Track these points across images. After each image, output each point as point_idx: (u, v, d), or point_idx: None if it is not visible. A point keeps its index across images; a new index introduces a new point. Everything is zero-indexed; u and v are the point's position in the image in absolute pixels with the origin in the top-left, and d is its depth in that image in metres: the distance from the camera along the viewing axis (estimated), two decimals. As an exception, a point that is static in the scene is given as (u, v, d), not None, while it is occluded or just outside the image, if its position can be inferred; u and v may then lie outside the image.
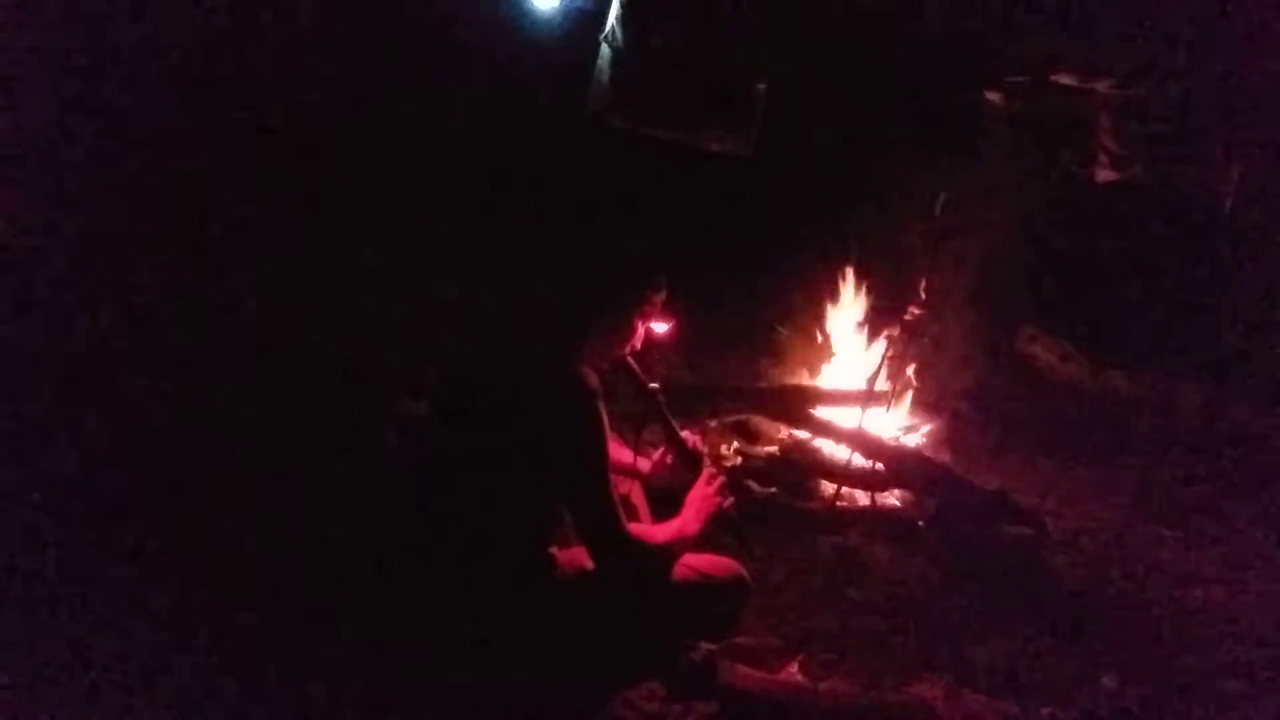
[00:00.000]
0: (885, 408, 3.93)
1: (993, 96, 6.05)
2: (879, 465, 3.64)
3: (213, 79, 5.23)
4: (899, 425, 4.09)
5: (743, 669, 2.45)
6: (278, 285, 4.57)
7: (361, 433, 3.57)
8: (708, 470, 2.61)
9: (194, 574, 2.64)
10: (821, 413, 3.97)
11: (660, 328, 2.52)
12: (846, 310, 4.39)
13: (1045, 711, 2.53)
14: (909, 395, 4.14)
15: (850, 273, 4.39)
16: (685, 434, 2.70)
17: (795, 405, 4.04)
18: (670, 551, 2.38)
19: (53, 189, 4.51)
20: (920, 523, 3.52)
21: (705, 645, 2.51)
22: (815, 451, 3.83)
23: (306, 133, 5.49)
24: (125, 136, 4.84)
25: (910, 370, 4.02)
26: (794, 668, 2.62)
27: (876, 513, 3.57)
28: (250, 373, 3.85)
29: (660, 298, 2.43)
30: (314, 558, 2.78)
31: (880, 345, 3.96)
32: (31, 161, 4.52)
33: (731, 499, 2.60)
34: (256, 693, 2.25)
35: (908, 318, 3.66)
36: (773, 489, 3.64)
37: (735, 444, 4.03)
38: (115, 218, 4.57)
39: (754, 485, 3.63)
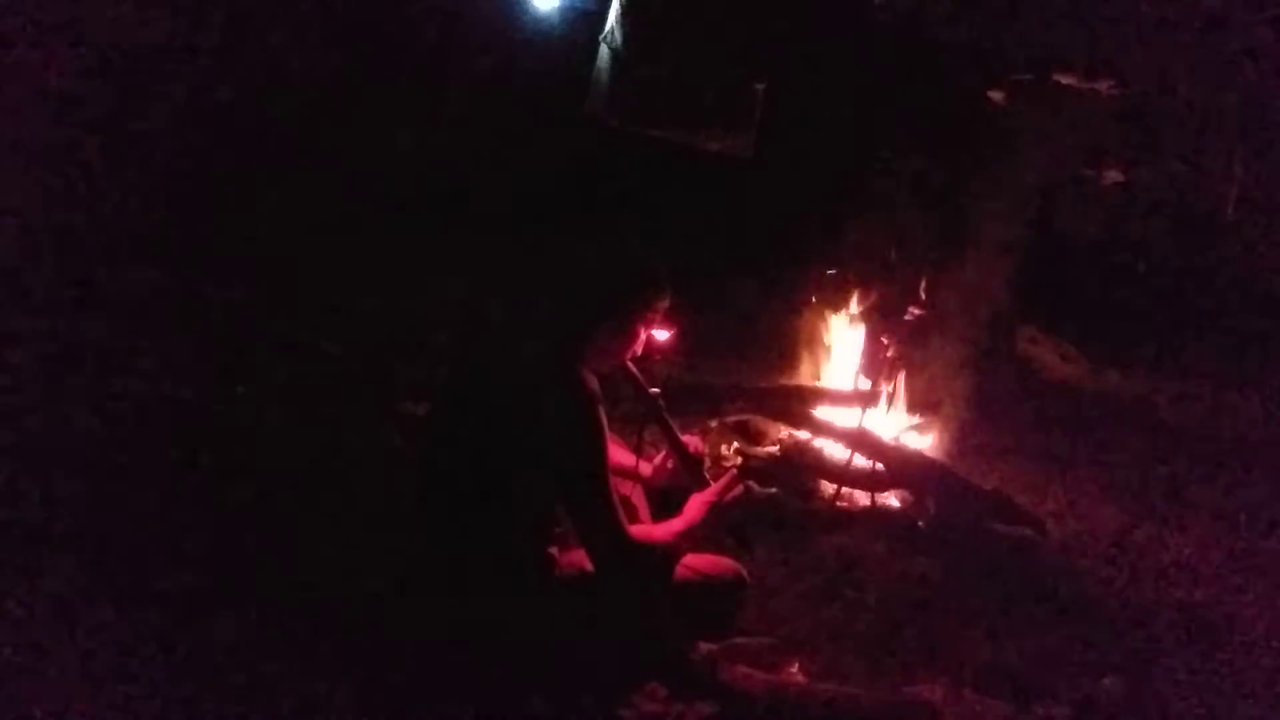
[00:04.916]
0: (885, 408, 3.93)
1: (995, 96, 6.06)
2: (879, 466, 3.64)
3: (213, 78, 5.23)
4: (899, 426, 4.09)
5: (743, 669, 2.44)
6: (278, 285, 4.58)
7: (361, 433, 3.57)
8: (729, 475, 2.57)
9: (192, 574, 2.64)
10: (821, 413, 3.97)
11: (662, 334, 2.51)
12: (847, 311, 4.38)
13: (1045, 711, 2.53)
14: (908, 396, 4.14)
15: (850, 274, 4.39)
16: (687, 439, 2.69)
17: (795, 405, 4.04)
18: (671, 552, 2.38)
19: (53, 188, 4.51)
20: (920, 523, 3.52)
21: (705, 645, 2.52)
22: (816, 452, 3.83)
23: (307, 132, 5.50)
24: (126, 135, 4.85)
25: (910, 371, 4.02)
26: (794, 668, 2.62)
27: (876, 513, 3.57)
28: (250, 372, 3.84)
29: (664, 305, 2.43)
30: (313, 558, 2.78)
31: (881, 346, 3.96)
32: (32, 160, 4.53)
33: (741, 488, 2.57)
34: (255, 693, 2.25)
35: (908, 318, 3.66)
36: (773, 489, 3.64)
37: (735, 444, 4.03)
38: (115, 216, 4.58)
39: (754, 485, 3.63)
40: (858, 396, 3.78)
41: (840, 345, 4.38)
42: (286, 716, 2.22)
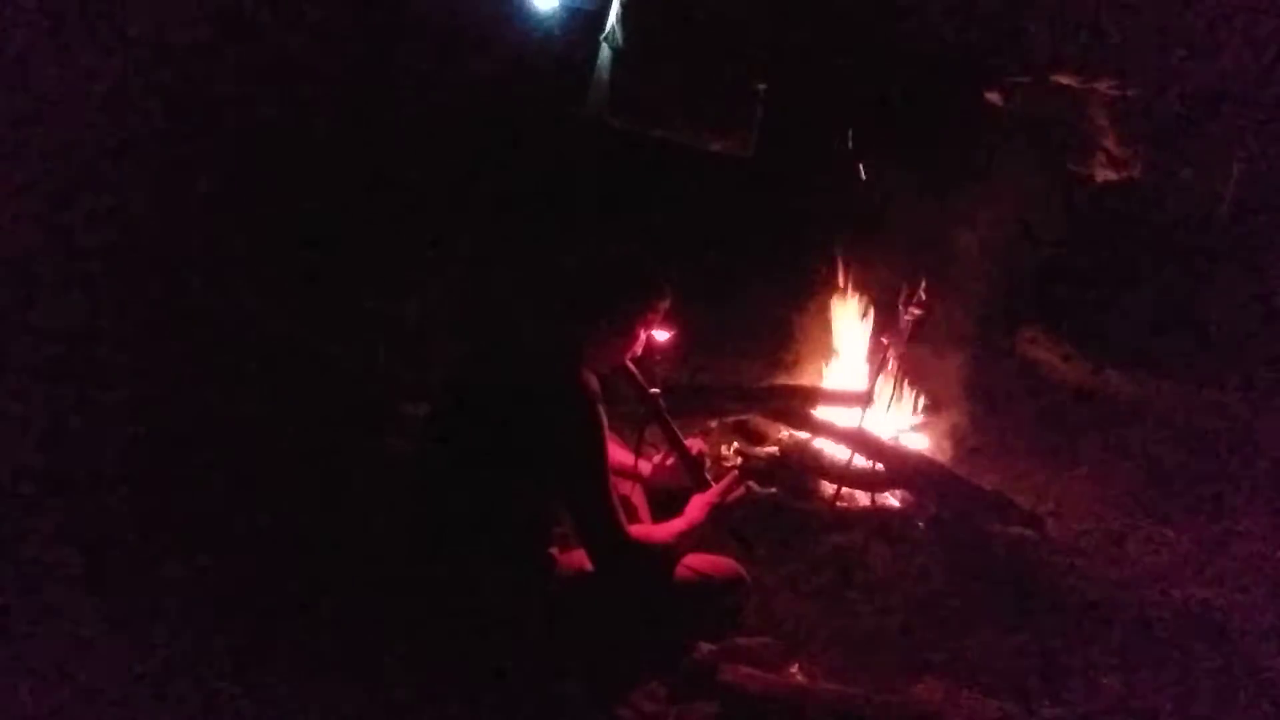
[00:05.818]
0: (885, 408, 3.93)
1: (993, 96, 6.06)
2: (879, 466, 3.64)
3: (213, 77, 5.23)
4: (899, 426, 4.09)
5: (743, 669, 2.45)
6: (278, 285, 4.57)
7: (362, 433, 3.57)
8: (731, 475, 2.57)
9: (192, 575, 2.64)
10: (821, 413, 3.97)
11: (662, 335, 2.52)
12: (846, 311, 4.39)
13: (1045, 711, 2.53)
14: (908, 395, 4.15)
15: (848, 273, 4.39)
16: (689, 440, 2.69)
17: (795, 405, 4.04)
18: (671, 553, 2.38)
19: (53, 187, 4.51)
20: (920, 523, 3.52)
21: (705, 645, 2.52)
22: (815, 452, 3.83)
23: (308, 132, 5.49)
24: (125, 135, 4.84)
25: (910, 371, 4.02)
26: (794, 668, 2.63)
27: (876, 513, 3.57)
28: (250, 372, 3.84)
29: (664, 305, 2.43)
30: (313, 559, 2.78)
31: (881, 346, 3.96)
32: (32, 159, 4.52)
33: (742, 490, 2.57)
34: (255, 694, 2.26)
35: (908, 318, 3.66)
36: (773, 489, 3.64)
37: (735, 444, 4.03)
38: (114, 215, 4.57)
39: (754, 485, 3.63)
40: (857, 396, 3.78)
41: (840, 346, 4.39)
42: (286, 717, 2.22)
